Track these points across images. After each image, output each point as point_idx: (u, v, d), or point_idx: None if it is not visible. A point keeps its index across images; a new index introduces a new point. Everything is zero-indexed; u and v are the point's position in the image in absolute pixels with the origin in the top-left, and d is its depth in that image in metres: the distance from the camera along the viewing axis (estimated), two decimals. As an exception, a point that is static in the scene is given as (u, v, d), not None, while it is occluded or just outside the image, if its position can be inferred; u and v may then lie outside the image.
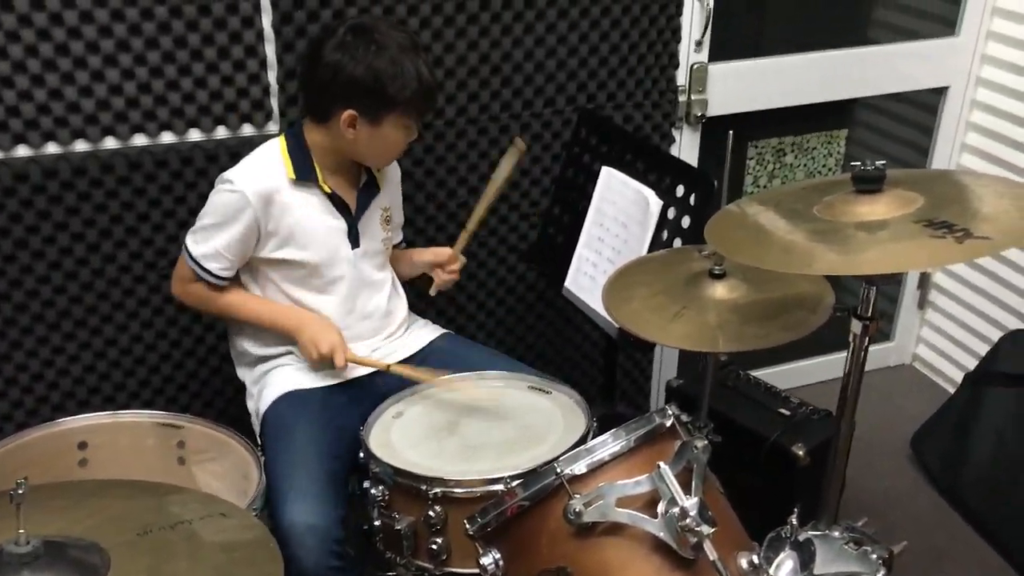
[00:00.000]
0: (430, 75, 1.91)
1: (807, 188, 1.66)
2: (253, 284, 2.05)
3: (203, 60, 2.12)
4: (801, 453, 2.27)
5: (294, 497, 1.81)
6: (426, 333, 2.21)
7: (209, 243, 1.95)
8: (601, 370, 2.62)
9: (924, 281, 3.20)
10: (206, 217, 1.96)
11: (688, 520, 1.37)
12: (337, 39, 1.88)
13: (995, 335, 2.82)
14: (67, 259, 2.18)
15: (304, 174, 1.96)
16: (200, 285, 2.01)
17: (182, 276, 2.03)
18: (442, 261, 2.20)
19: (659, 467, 1.41)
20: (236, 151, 2.20)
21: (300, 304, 2.04)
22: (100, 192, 2.15)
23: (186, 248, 2.00)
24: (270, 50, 2.18)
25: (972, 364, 2.85)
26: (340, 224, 2.02)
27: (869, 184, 1.50)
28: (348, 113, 1.88)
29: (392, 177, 2.17)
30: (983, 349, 2.83)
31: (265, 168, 1.95)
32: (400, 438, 1.90)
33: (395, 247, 2.26)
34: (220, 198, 1.94)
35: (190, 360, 2.39)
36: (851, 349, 1.62)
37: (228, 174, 1.94)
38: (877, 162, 1.50)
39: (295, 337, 2.01)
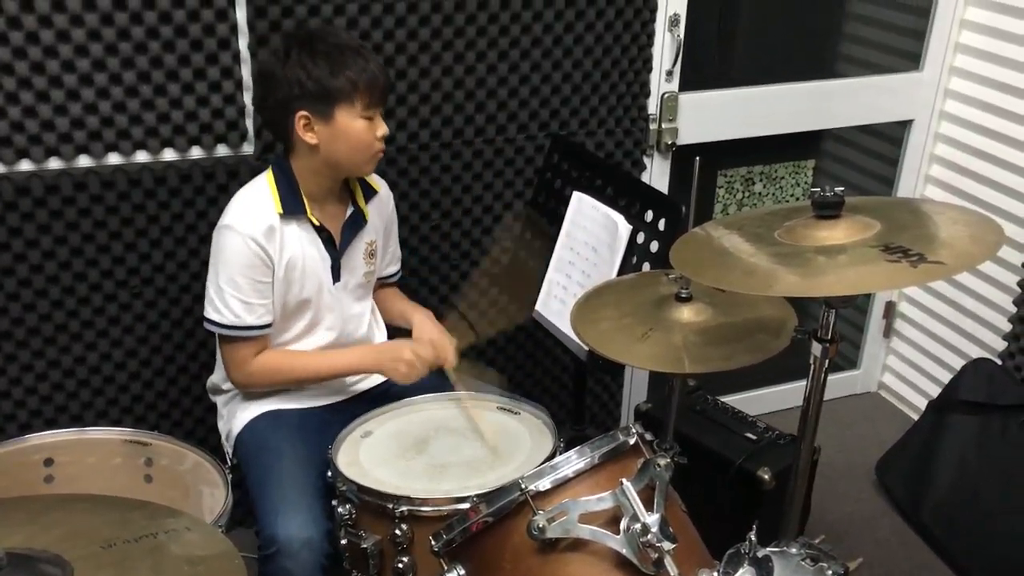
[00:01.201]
0: (373, 64, 1.89)
1: (770, 213, 1.70)
2: None
3: (179, 80, 2.14)
4: (767, 477, 2.30)
5: (287, 511, 1.82)
6: None
7: (234, 302, 1.91)
8: (571, 393, 2.64)
9: (889, 310, 3.25)
10: (218, 277, 1.91)
11: (649, 536, 1.39)
12: (269, 49, 1.90)
13: (959, 363, 2.87)
14: (37, 277, 2.18)
15: (291, 208, 1.93)
16: (263, 358, 1.98)
17: (237, 360, 1.98)
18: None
19: (622, 484, 1.43)
20: (210, 171, 2.22)
21: (285, 339, 2.04)
22: (73, 210, 2.15)
23: (214, 327, 1.95)
24: (246, 71, 2.20)
25: (936, 392, 2.90)
26: (325, 258, 2.01)
27: (828, 210, 1.54)
28: (300, 115, 1.86)
29: (381, 211, 2.14)
30: (947, 377, 2.88)
31: (256, 205, 1.93)
32: (368, 457, 1.91)
33: (386, 280, 2.26)
34: (225, 248, 1.90)
35: (159, 379, 2.39)
36: (811, 371, 1.65)
37: (225, 220, 1.91)
38: (836, 189, 1.54)
39: (379, 372, 2.05)
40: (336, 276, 2.04)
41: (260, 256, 1.90)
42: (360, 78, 1.86)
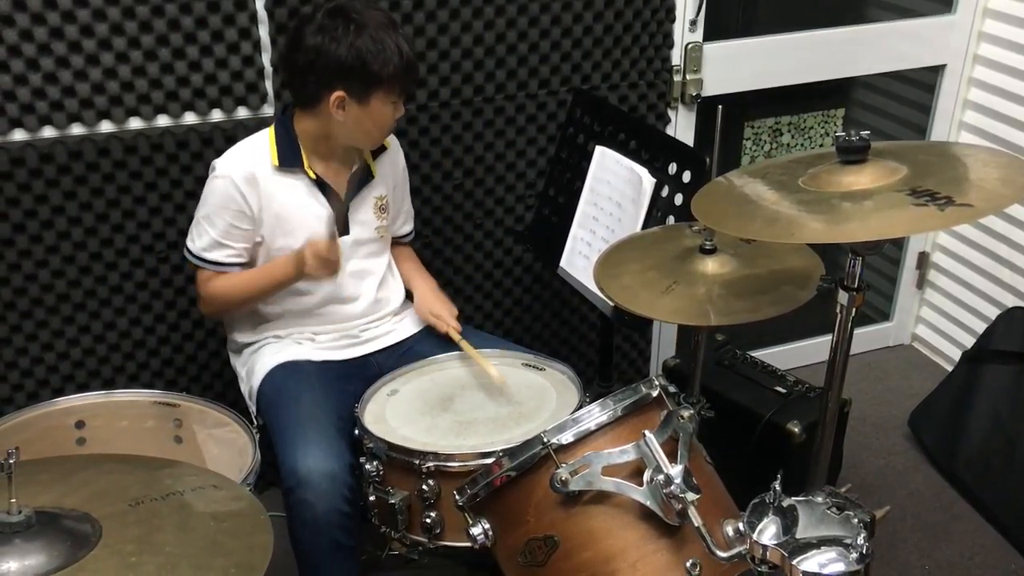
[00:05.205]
0: (410, 49, 1.93)
1: (795, 160, 1.66)
2: None
3: (197, 43, 2.14)
4: (796, 430, 2.28)
5: (306, 444, 1.85)
6: (419, 320, 2.21)
7: (205, 236, 1.99)
8: (598, 351, 2.63)
9: (923, 261, 3.20)
10: (199, 211, 2.00)
11: (673, 487, 1.38)
12: (316, 23, 1.88)
13: (994, 313, 2.82)
14: (65, 243, 2.20)
15: (288, 160, 1.97)
16: (217, 281, 2.01)
17: (200, 282, 2.04)
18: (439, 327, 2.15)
19: (644, 435, 1.42)
20: (231, 134, 2.22)
21: (287, 288, 2.05)
22: (96, 176, 2.16)
23: (188, 252, 2.02)
24: (264, 32, 2.19)
25: (971, 343, 2.85)
26: (326, 211, 2.01)
27: (853, 155, 1.51)
28: (336, 95, 1.89)
29: (392, 166, 2.16)
30: (982, 328, 2.83)
31: (248, 154, 1.98)
32: (394, 415, 1.92)
33: (402, 239, 2.27)
34: (209, 187, 1.98)
35: (188, 343, 2.41)
36: (838, 320, 1.63)
37: (215, 163, 1.99)
38: (862, 133, 1.51)
39: (302, 276, 1.99)
40: (344, 229, 2.05)
41: (238, 201, 1.95)
42: (402, 67, 1.89)
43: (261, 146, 1.99)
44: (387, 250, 2.19)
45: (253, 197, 1.96)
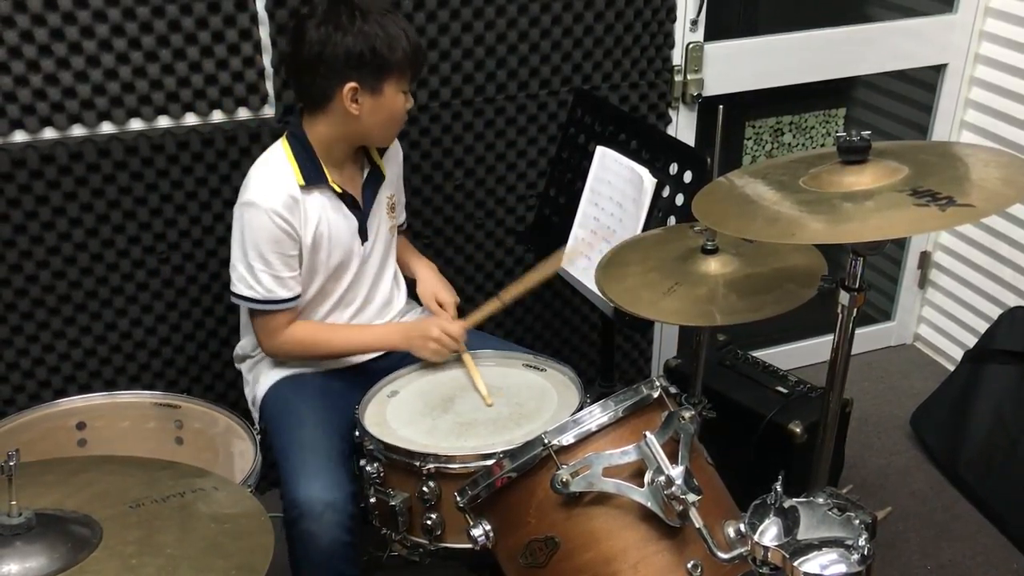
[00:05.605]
0: (415, 34, 1.92)
1: (796, 160, 1.66)
2: None
3: (198, 44, 2.14)
4: (798, 430, 2.28)
5: (309, 474, 1.83)
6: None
7: (265, 276, 1.91)
8: (600, 351, 2.63)
9: (924, 261, 3.19)
10: (244, 252, 1.91)
11: (674, 488, 1.38)
12: (318, 16, 1.85)
13: (996, 313, 2.82)
14: (66, 244, 2.20)
15: (313, 178, 1.92)
16: (298, 328, 1.99)
17: (269, 331, 1.98)
18: (440, 317, 2.14)
19: (645, 436, 1.42)
20: (232, 135, 2.22)
21: (326, 307, 2.06)
22: (97, 177, 2.16)
23: (246, 302, 1.95)
24: (264, 33, 2.19)
25: (973, 342, 2.85)
26: (352, 222, 2.01)
27: (854, 155, 1.51)
28: (349, 86, 1.85)
29: (396, 163, 2.16)
30: (984, 327, 2.83)
31: (278, 178, 1.91)
32: (395, 416, 1.92)
33: (398, 229, 2.27)
34: (249, 225, 1.89)
35: (190, 344, 2.41)
36: (839, 320, 1.63)
37: (246, 197, 1.89)
38: (863, 133, 1.50)
39: (407, 350, 2.04)
40: (364, 236, 2.04)
41: (285, 230, 1.90)
42: (411, 51, 1.88)
43: (283, 166, 1.91)
44: (394, 249, 2.18)
45: (297, 220, 1.90)
